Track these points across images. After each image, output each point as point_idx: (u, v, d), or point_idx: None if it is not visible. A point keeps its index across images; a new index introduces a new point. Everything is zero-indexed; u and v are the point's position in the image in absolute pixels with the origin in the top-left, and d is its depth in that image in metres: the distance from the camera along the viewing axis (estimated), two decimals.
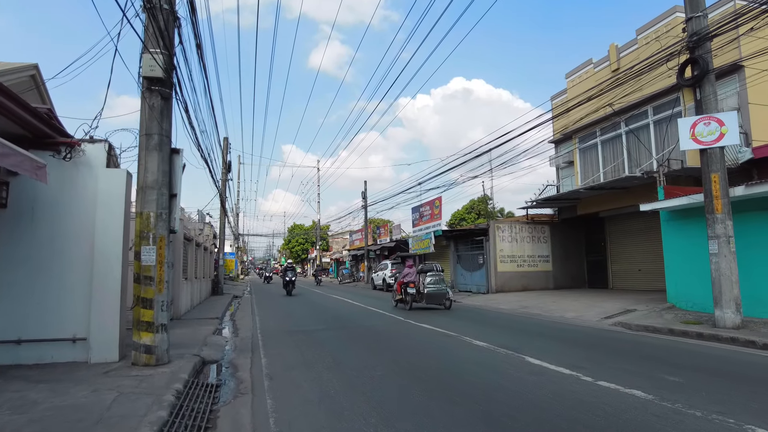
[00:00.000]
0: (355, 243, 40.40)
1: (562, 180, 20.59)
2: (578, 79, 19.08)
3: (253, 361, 6.53)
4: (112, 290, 5.96)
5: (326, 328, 9.87)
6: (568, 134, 19.33)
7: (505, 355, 6.53)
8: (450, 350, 7.06)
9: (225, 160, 22.31)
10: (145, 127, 5.96)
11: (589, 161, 18.63)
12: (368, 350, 7.12)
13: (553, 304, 14.37)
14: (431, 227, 22.40)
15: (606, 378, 5.13)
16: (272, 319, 11.87)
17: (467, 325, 9.98)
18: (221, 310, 13.55)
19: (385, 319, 11.36)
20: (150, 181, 5.88)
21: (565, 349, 7.13)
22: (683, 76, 9.40)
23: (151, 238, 5.81)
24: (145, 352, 5.64)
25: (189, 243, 13.56)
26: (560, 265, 20.13)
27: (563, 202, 18.97)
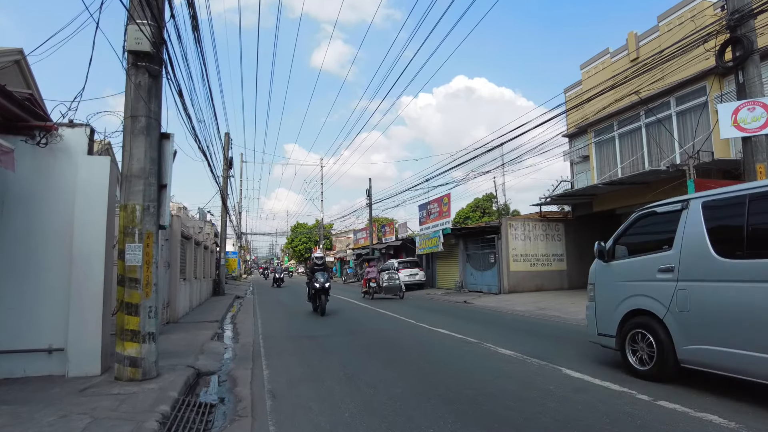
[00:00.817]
0: (360, 242, 39.68)
1: (577, 176, 19.78)
2: (594, 70, 18.26)
3: (254, 373, 5.80)
4: (93, 294, 5.24)
5: (333, 332, 9.14)
6: (584, 128, 18.51)
7: (538, 367, 5.77)
8: (474, 360, 6.31)
9: (226, 155, 21.61)
10: (131, 108, 5.23)
11: (606, 156, 17.82)
12: (383, 361, 6.37)
13: (572, 306, 13.60)
14: (439, 225, 21.63)
15: (664, 396, 4.37)
16: (275, 322, 11.15)
17: (485, 329, 9.23)
18: (222, 312, 12.84)
19: (396, 322, 10.62)
20: (136, 170, 5.16)
21: (601, 358, 6.36)
22: (722, 58, 8.61)
23: (136, 235, 5.08)
24: (129, 365, 4.91)
25: (188, 241, 12.86)
26: (575, 264, 19.33)
27: (578, 198, 18.16)
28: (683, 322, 4.75)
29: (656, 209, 5.59)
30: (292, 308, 14.91)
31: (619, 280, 5.69)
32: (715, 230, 4.68)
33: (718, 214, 4.75)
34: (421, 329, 9.37)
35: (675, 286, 4.90)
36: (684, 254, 4.89)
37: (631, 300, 5.41)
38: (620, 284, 5.65)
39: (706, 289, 4.60)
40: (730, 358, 4.29)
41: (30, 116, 5.27)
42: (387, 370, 5.76)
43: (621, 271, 5.72)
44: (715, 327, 4.46)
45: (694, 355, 4.62)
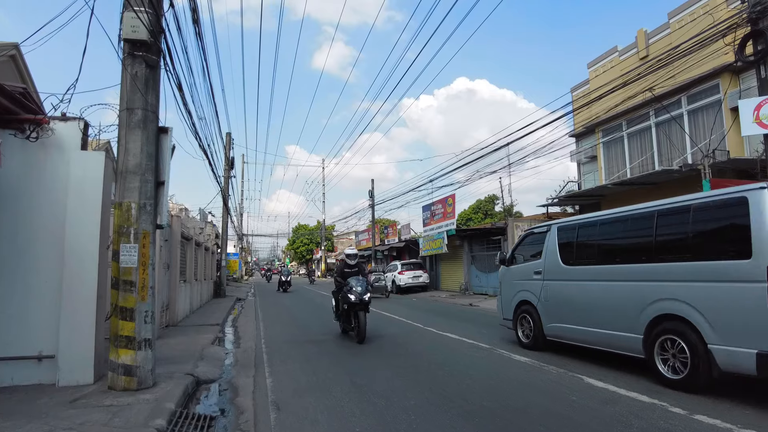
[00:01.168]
0: (362, 243, 39.35)
1: (584, 176, 19.44)
2: (601, 68, 17.93)
3: (257, 381, 5.48)
4: (86, 297, 4.93)
5: (338, 337, 8.81)
6: (591, 127, 18.18)
7: (557, 376, 5.44)
8: (489, 368, 5.98)
9: (228, 156, 21.32)
10: (127, 101, 4.92)
11: (614, 156, 17.49)
12: (392, 368, 6.05)
13: None
14: (444, 226, 21.31)
15: (700, 410, 4.04)
16: (277, 325, 10.83)
17: (494, 333, 8.89)
18: (223, 315, 12.53)
19: (402, 326, 10.29)
20: (132, 165, 4.85)
21: (621, 366, 6.02)
22: (743, 52, 8.30)
23: (132, 235, 4.76)
24: (124, 373, 4.59)
25: (188, 242, 12.55)
26: None
27: (586, 199, 17.82)
28: (546, 308, 6.88)
29: (534, 230, 7.77)
30: (303, 320, 14.58)
31: (514, 280, 7.76)
32: (562, 246, 6.77)
33: (564, 235, 6.82)
34: (429, 334, 9.05)
35: (542, 284, 7.01)
36: (546, 262, 7.02)
37: (520, 294, 7.50)
38: (515, 282, 7.71)
39: (557, 285, 6.71)
40: (569, 330, 6.46)
41: (20, 109, 4.96)
42: (398, 378, 5.43)
43: (515, 273, 7.78)
44: (561, 311, 6.59)
45: (552, 330, 6.77)
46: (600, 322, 5.90)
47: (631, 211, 6.05)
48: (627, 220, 6.01)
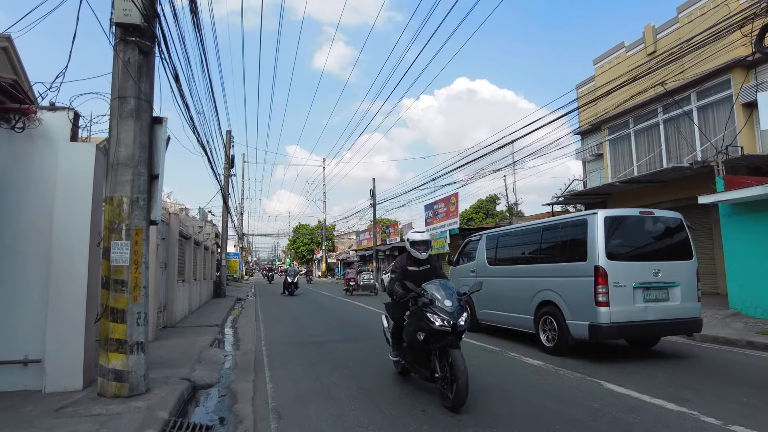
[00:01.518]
0: (363, 243, 39.07)
1: (590, 174, 19.15)
2: (608, 65, 17.63)
3: (257, 386, 5.18)
4: (75, 297, 4.63)
5: (342, 338, 8.52)
6: (597, 124, 17.89)
7: (575, 381, 5.14)
8: (501, 372, 5.68)
9: (228, 154, 21.03)
10: (118, 89, 4.63)
11: (621, 153, 17.19)
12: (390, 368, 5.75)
13: None
14: (446, 225, 21.02)
15: (734, 419, 3.74)
16: (278, 326, 10.53)
17: (501, 337, 8.60)
18: (222, 316, 12.23)
19: None
20: (123, 157, 4.55)
21: (639, 369, 5.72)
22: (762, 43, 7.99)
23: (124, 231, 4.47)
24: (114, 379, 4.30)
25: (186, 241, 12.25)
26: None
27: (592, 197, 17.52)
28: (477, 299, 8.60)
29: (472, 238, 9.81)
30: (305, 321, 14.27)
31: (457, 276, 9.56)
32: (488, 250, 8.81)
33: (490, 242, 8.86)
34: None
35: (475, 280, 8.61)
36: (478, 262, 9.03)
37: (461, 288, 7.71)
38: (458, 279, 9.42)
39: (484, 281, 7.82)
40: (491, 315, 8.48)
41: (5, 98, 4.67)
42: (408, 383, 5.13)
43: (459, 271, 9.74)
44: (487, 300, 8.46)
45: (482, 315, 8.76)
46: (509, 307, 7.88)
47: (529, 225, 8.24)
48: (526, 232, 8.10)
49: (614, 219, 6.42)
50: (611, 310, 5.94)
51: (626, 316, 6.01)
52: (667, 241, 6.71)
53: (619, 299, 6.00)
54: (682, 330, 6.70)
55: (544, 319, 6.87)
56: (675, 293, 6.38)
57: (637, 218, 6.60)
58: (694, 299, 6.54)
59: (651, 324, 6.21)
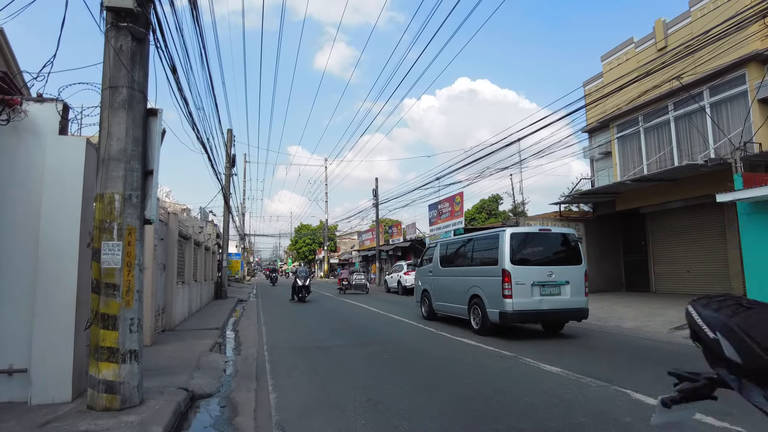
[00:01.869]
0: (366, 243, 38.75)
1: (598, 173, 18.79)
2: (616, 61, 17.27)
3: (259, 396, 4.86)
4: (64, 303, 4.32)
5: (347, 343, 8.19)
6: (605, 122, 17.53)
7: (600, 391, 4.81)
8: (517, 381, 5.34)
9: (229, 153, 20.73)
10: (110, 78, 4.31)
11: (630, 151, 16.82)
12: (411, 380, 5.42)
13: (601, 311, 12.62)
14: (451, 225, 20.69)
15: None
16: (281, 329, 10.21)
17: (514, 340, 8.26)
18: (223, 318, 11.92)
19: (413, 330, 9.66)
20: (115, 151, 4.23)
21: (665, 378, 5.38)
22: None
23: (115, 231, 4.15)
24: (105, 390, 3.98)
25: (186, 241, 11.94)
26: (596, 266, 18.28)
27: (601, 196, 17.17)
28: (434, 293, 10.95)
29: (430, 245, 12.60)
30: (308, 323, 13.94)
31: (422, 276, 11.89)
32: (441, 255, 10.81)
33: (443, 248, 10.94)
34: (441, 339, 8.42)
35: (432, 278, 11.08)
36: (434, 264, 11.03)
37: (423, 285, 11.50)
38: (422, 277, 11.81)
39: (438, 279, 10.72)
40: (443, 306, 10.45)
41: None
42: (419, 393, 4.80)
43: (422, 271, 11.92)
44: (439, 295, 10.62)
45: (436, 307, 10.76)
46: (453, 300, 9.88)
47: (464, 236, 10.57)
48: (464, 242, 10.18)
49: (518, 234, 8.60)
50: (513, 301, 8.03)
51: (525, 306, 8.09)
52: (560, 251, 8.77)
53: (520, 293, 8.07)
54: (571, 317, 8.63)
55: (473, 308, 8.86)
56: (566, 289, 8.37)
57: (536, 233, 8.87)
58: (582, 294, 8.52)
59: (545, 312, 8.29)
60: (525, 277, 8.11)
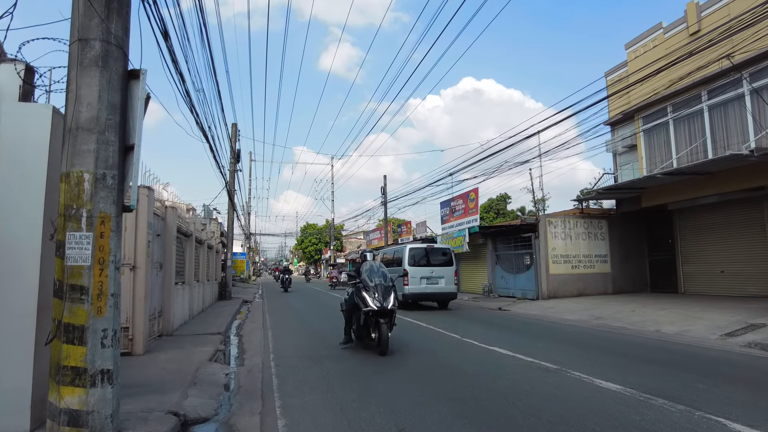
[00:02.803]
0: (373, 243, 37.85)
1: (621, 167, 17.79)
2: (642, 48, 16.27)
3: (265, 422, 3.98)
4: (22, 309, 3.47)
5: (362, 352, 7.31)
6: (630, 113, 16.55)
7: (682, 417, 3.88)
8: (576, 402, 4.42)
9: (233, 148, 19.93)
10: (79, 28, 3.45)
11: (657, 144, 15.81)
12: (446, 400, 4.52)
13: (634, 314, 11.66)
14: (465, 223, 19.75)
15: None
16: (288, 334, 9.35)
17: (554, 348, 7.35)
18: (226, 321, 11.08)
19: (437, 338, 8.76)
20: (85, 120, 3.38)
21: (751, 396, 4.46)
22: None
23: (84, 219, 3.29)
24: (68, 423, 3.11)
25: (187, 239, 11.12)
26: (619, 265, 17.32)
27: (625, 192, 16.17)
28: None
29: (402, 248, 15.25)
30: (303, 317, 13.05)
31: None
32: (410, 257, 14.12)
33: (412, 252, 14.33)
34: (471, 348, 7.51)
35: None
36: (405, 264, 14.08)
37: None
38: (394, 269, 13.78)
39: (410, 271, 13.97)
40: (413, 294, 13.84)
41: None
42: (459, 419, 3.90)
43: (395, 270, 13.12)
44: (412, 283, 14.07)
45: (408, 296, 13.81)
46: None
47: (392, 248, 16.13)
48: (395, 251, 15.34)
49: (414, 248, 14.59)
50: (409, 287, 13.62)
51: (416, 290, 13.77)
52: (440, 258, 14.33)
53: (413, 283, 13.71)
54: (446, 298, 14.34)
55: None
56: (441, 281, 14.03)
57: (426, 248, 14.48)
58: (452, 284, 14.21)
59: (429, 293, 13.97)
60: (417, 273, 13.80)
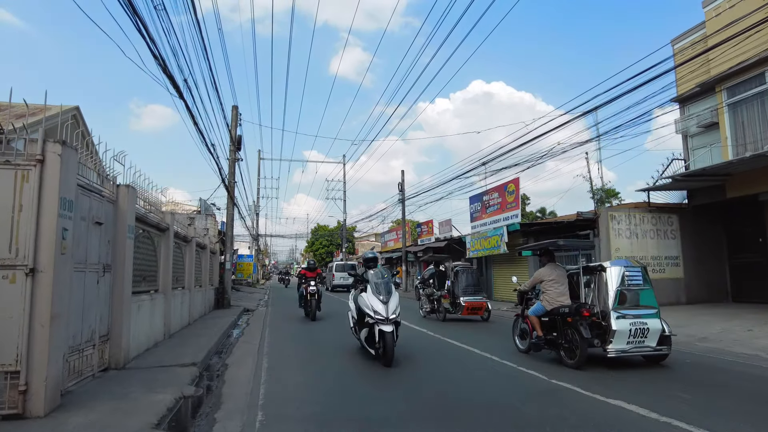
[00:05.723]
0: (389, 244, 35.13)
1: (693, 151, 14.82)
2: (727, 3, 13.37)
3: None
4: None
5: (407, 408, 4.58)
6: (710, 84, 13.64)
7: None
8: None
9: (234, 134, 17.40)
10: None
11: (748, 120, 12.83)
12: None
13: (748, 334, 8.79)
14: (501, 220, 16.95)
15: None
16: (292, 365, 6.67)
17: (672, 390, 4.55)
18: (211, 342, 8.42)
19: (513, 376, 5.98)
20: None
21: None
22: None
23: None
24: None
25: (160, 234, 8.52)
26: (693, 269, 14.36)
27: (707, 179, 13.21)
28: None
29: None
30: (313, 337, 10.30)
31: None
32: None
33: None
34: (584, 401, 4.73)
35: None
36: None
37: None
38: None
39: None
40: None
41: None
42: None
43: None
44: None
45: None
46: None
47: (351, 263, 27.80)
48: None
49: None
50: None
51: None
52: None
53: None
54: None
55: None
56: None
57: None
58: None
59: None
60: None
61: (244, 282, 36.34)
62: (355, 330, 7.58)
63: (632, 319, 6.23)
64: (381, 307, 6.54)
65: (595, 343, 6.22)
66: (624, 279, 6.43)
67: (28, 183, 4.14)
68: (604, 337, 6.24)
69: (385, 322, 6.42)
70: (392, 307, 6.59)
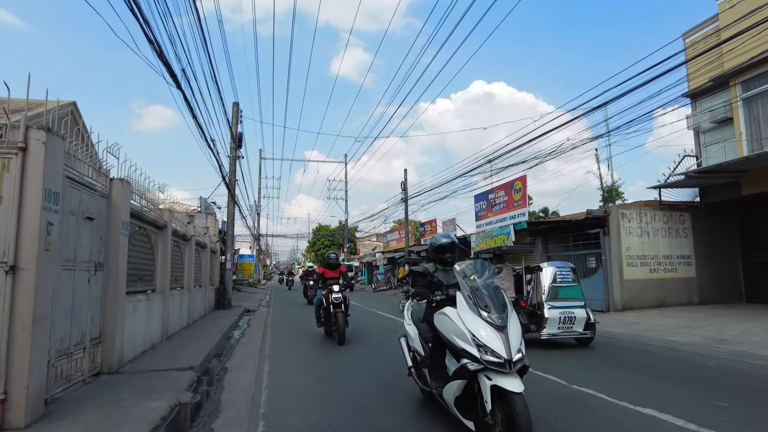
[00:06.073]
0: (391, 244, 34.78)
1: (706, 147, 14.45)
2: None
3: None
4: None
5: (397, 401, 4.23)
6: (723, 79, 13.27)
7: None
8: None
9: (234, 131, 17.08)
10: None
11: (763, 114, 12.48)
12: None
13: (745, 336, 8.48)
14: (508, 218, 16.59)
15: None
16: (295, 369, 6.32)
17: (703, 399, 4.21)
18: (210, 344, 8.09)
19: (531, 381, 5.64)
20: None
21: None
22: None
23: None
24: None
25: (158, 232, 8.19)
26: (706, 269, 13.99)
27: (721, 176, 12.84)
28: None
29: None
30: (319, 342, 9.93)
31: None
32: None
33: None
34: (610, 408, 4.37)
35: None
36: None
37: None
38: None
39: None
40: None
41: None
42: None
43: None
44: None
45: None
46: None
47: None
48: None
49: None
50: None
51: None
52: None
53: None
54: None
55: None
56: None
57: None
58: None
59: None
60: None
61: (246, 282, 36.05)
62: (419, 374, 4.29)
63: (562, 309, 7.71)
64: (494, 336, 3.15)
65: (532, 328, 7.73)
66: (556, 277, 8.05)
67: (9, 173, 3.81)
68: (539, 323, 7.74)
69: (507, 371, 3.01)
70: (514, 338, 3.18)
